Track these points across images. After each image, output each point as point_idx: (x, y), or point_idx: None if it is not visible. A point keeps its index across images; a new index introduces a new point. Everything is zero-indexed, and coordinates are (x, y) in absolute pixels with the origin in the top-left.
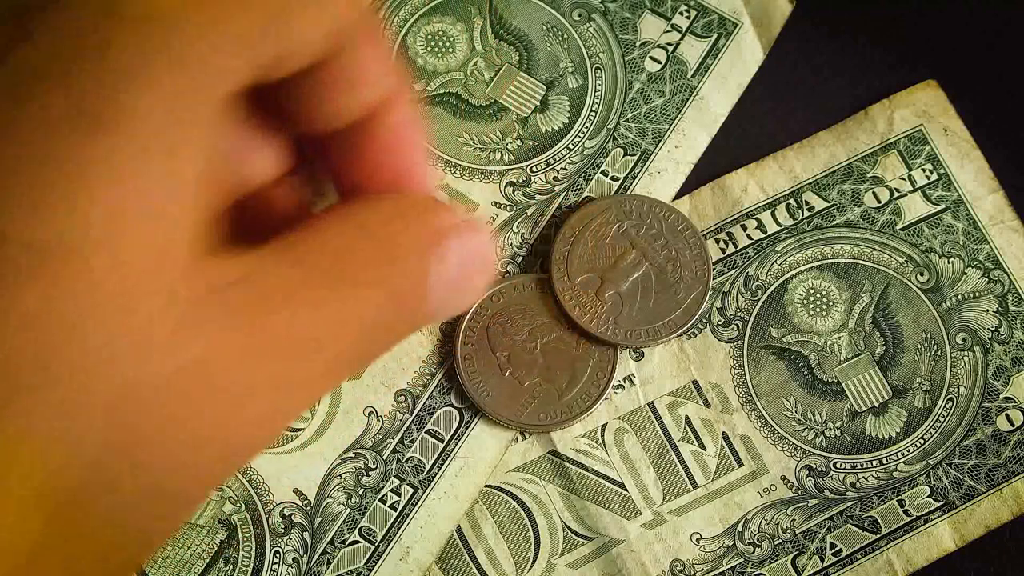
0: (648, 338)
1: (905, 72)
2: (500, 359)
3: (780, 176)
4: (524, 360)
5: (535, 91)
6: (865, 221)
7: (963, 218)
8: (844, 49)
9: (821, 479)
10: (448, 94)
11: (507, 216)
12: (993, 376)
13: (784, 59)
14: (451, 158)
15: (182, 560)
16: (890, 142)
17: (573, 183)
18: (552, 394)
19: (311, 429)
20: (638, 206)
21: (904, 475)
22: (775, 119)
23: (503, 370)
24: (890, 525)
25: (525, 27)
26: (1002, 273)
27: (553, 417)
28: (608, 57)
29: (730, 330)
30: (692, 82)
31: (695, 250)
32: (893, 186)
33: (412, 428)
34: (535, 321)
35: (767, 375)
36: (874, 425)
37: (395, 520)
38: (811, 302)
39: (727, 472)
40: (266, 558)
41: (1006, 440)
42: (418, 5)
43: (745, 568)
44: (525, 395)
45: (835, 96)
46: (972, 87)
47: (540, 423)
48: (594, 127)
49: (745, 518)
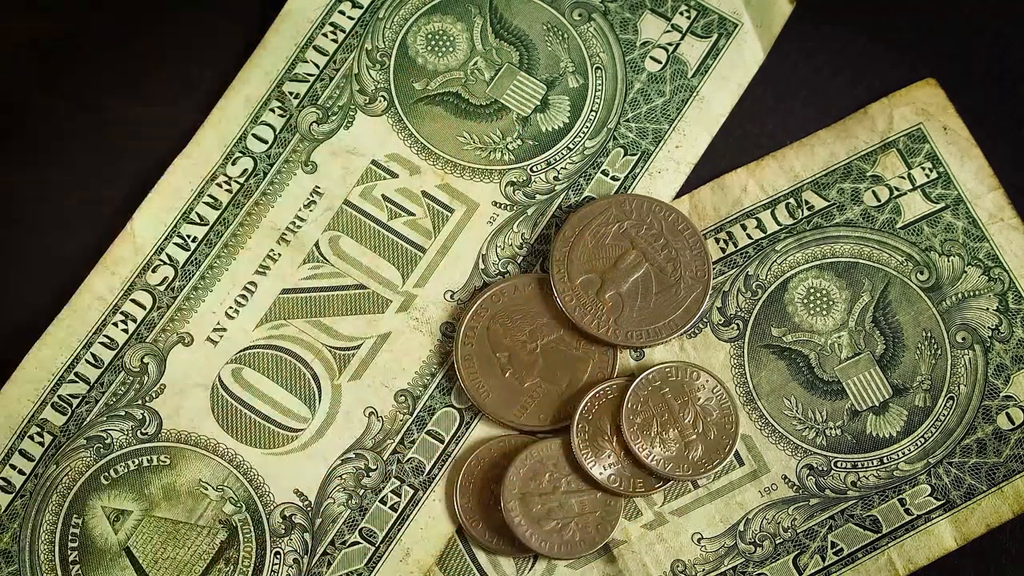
0: (648, 338)
1: (904, 71)
2: (500, 359)
3: (780, 175)
4: (524, 360)
5: (535, 91)
6: (865, 220)
7: (963, 216)
8: (844, 49)
9: (822, 478)
10: (448, 93)
11: (507, 216)
12: (993, 374)
13: (784, 59)
14: (451, 158)
15: (182, 560)
16: (889, 141)
17: (573, 183)
18: (552, 394)
19: (311, 430)
20: (638, 206)
21: (905, 474)
22: (775, 119)
23: (503, 370)
24: (891, 524)
25: (525, 27)
26: (1002, 271)
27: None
28: (608, 57)
29: (730, 329)
30: (692, 82)
31: (695, 250)
32: (893, 185)
33: (412, 429)
34: (535, 321)
35: (768, 374)
36: (875, 424)
37: (395, 521)
38: (811, 301)
39: (728, 471)
40: (266, 559)
41: (1007, 438)
42: (418, 4)
43: (746, 568)
44: (525, 395)
45: (835, 95)
46: (971, 86)
47: (540, 424)
48: (594, 127)
49: (746, 518)
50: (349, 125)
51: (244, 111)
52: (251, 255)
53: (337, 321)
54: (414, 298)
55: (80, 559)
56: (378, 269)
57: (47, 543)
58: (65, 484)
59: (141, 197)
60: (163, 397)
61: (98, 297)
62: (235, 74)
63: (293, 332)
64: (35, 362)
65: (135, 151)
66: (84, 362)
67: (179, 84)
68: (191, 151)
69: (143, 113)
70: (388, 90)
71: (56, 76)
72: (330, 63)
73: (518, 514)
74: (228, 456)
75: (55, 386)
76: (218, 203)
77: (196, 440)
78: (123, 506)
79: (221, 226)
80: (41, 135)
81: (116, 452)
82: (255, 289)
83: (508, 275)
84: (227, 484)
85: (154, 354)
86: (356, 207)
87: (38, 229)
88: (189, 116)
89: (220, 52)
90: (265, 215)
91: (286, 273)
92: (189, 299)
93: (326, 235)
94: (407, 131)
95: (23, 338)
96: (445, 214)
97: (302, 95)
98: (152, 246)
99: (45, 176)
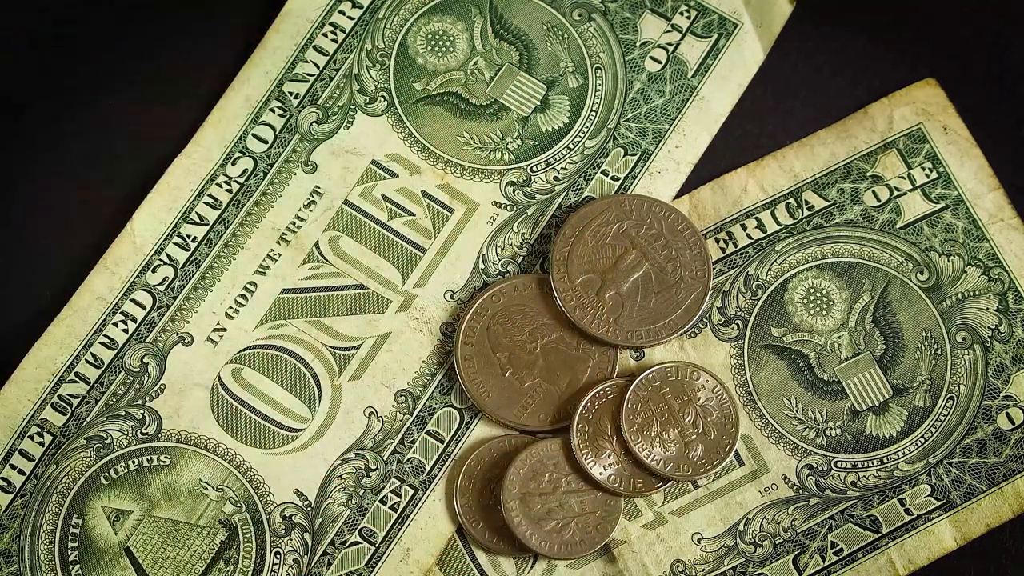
0: (648, 338)
1: (904, 71)
2: (500, 359)
3: (780, 175)
4: (524, 360)
5: (535, 91)
6: (865, 220)
7: (963, 216)
8: (844, 49)
9: (822, 478)
10: (448, 93)
11: (507, 216)
12: (993, 374)
13: (784, 59)
14: (451, 158)
15: (182, 560)
16: (889, 141)
17: (573, 183)
18: (552, 394)
19: (311, 430)
20: (638, 206)
21: (905, 474)
22: (775, 119)
23: (503, 370)
24: (891, 524)
25: (525, 27)
26: (1002, 271)
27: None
28: (608, 57)
29: (730, 329)
30: (692, 82)
31: (695, 250)
32: (893, 185)
33: (412, 429)
34: (535, 321)
35: (768, 374)
36: (875, 424)
37: (395, 521)
38: (811, 301)
39: (728, 471)
40: (266, 559)
41: (1007, 438)
42: (418, 4)
43: (746, 568)
44: (525, 395)
45: (835, 95)
46: (971, 85)
47: (540, 424)
48: (594, 127)
49: (746, 518)
50: (349, 125)
51: (244, 111)
52: (251, 255)
53: (337, 321)
54: (414, 298)
55: (80, 559)
56: (378, 269)
57: (47, 543)
58: (65, 484)
59: (141, 197)
60: (163, 397)
61: (98, 297)
62: (235, 74)
63: (293, 332)
64: (35, 362)
65: (135, 151)
66: (84, 362)
67: (179, 84)
68: (191, 151)
69: (143, 113)
70: (388, 90)
71: (55, 76)
72: (330, 63)
73: (518, 514)
74: (228, 456)
75: (55, 386)
76: (218, 203)
77: (196, 440)
78: (123, 506)
79: (221, 226)
80: (41, 135)
81: (116, 452)
82: (255, 289)
83: (508, 275)
84: (227, 484)
85: (154, 354)
86: (356, 207)
87: (38, 229)
88: (189, 116)
89: (220, 52)
90: (265, 215)
91: (286, 273)
92: (189, 299)
93: (326, 235)
94: (407, 131)
95: (23, 338)
96: (445, 214)
97: (302, 95)
98: (152, 246)
99: (45, 176)
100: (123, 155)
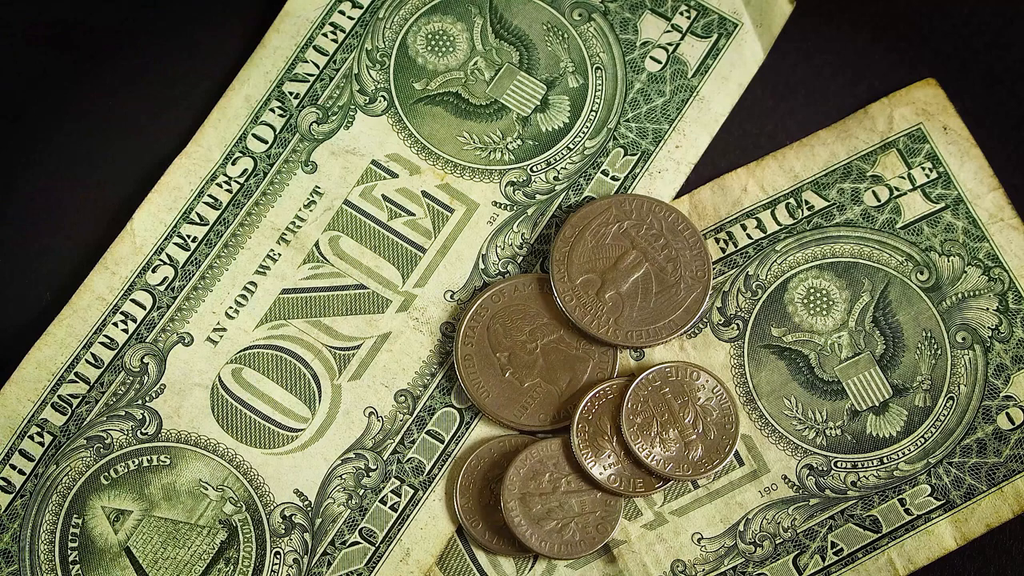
0: (648, 338)
1: (905, 71)
2: (500, 359)
3: (780, 175)
4: (524, 360)
5: (535, 91)
6: (865, 220)
7: (963, 216)
8: (844, 49)
9: (822, 478)
10: (448, 93)
11: (507, 216)
12: (993, 374)
13: (784, 59)
14: (451, 158)
15: (182, 560)
16: (889, 141)
17: (573, 183)
18: (552, 394)
19: (311, 430)
20: (638, 206)
21: (905, 474)
22: (775, 119)
23: (503, 370)
24: (891, 524)
25: (525, 27)
26: (1002, 271)
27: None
28: (608, 57)
29: (730, 329)
30: (692, 82)
31: (695, 250)
32: (893, 185)
33: (412, 429)
34: (535, 321)
35: (768, 374)
36: (875, 424)
37: (395, 521)
38: (811, 301)
39: (728, 471)
40: (266, 559)
41: (1007, 438)
42: (418, 4)
43: (746, 568)
44: (525, 395)
45: (835, 95)
46: (971, 85)
47: (540, 424)
48: (594, 127)
49: (746, 518)
50: (349, 125)
51: (244, 111)
52: (251, 255)
53: (337, 321)
54: (414, 298)
55: (80, 559)
56: (378, 269)
57: (47, 543)
58: (65, 484)
59: (141, 197)
60: (163, 397)
61: (98, 297)
62: (235, 74)
63: (293, 332)
64: (35, 362)
65: (135, 151)
66: (84, 362)
67: (179, 84)
68: (191, 151)
69: (143, 113)
70: (388, 90)
71: (56, 75)
72: (330, 63)
73: (518, 514)
74: (228, 456)
75: (55, 386)
76: (218, 203)
77: (196, 440)
78: (123, 506)
79: (221, 226)
80: (41, 135)
81: (116, 452)
82: (255, 289)
83: (508, 275)
84: (227, 484)
85: (154, 354)
86: (356, 207)
87: (38, 229)
88: (189, 116)
89: (220, 52)
90: (265, 215)
91: (286, 273)
92: (189, 299)
93: (326, 235)
94: (407, 131)
95: (23, 338)
96: (445, 214)
97: (302, 95)
98: (152, 246)
99: (45, 176)
100: (123, 155)
